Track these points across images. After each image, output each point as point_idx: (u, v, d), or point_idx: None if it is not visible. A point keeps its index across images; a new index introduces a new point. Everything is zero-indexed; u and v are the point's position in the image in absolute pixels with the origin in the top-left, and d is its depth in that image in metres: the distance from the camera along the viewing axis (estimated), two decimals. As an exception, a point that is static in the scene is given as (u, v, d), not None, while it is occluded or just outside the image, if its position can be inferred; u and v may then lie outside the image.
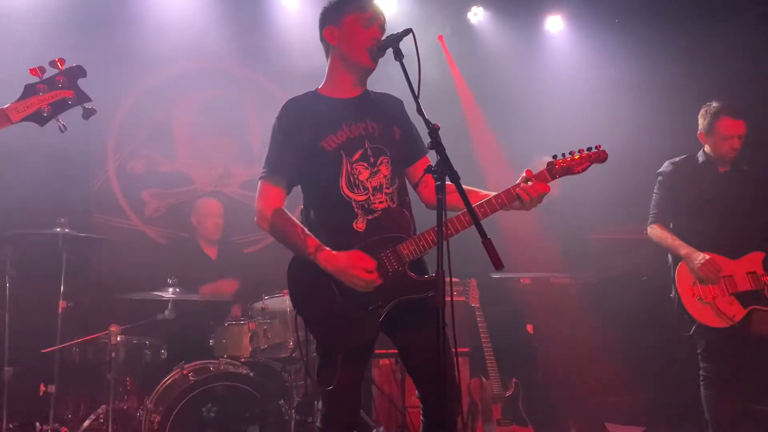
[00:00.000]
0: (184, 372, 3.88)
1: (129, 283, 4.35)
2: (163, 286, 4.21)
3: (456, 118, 5.67)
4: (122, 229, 5.29)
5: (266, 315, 4.20)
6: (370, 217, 2.58)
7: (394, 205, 2.63)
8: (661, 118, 5.45)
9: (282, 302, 4.20)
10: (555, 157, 2.58)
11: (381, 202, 2.61)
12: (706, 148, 3.99)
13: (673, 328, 4.38)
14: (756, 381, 4.03)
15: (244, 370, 3.95)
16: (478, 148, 5.47)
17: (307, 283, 2.57)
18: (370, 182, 2.61)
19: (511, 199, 2.54)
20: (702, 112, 4.02)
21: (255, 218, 2.66)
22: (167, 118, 5.53)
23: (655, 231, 4.01)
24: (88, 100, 2.41)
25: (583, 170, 2.60)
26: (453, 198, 2.49)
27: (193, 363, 3.97)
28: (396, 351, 4.22)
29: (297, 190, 2.74)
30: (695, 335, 3.84)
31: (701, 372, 3.86)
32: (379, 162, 2.65)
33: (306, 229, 2.57)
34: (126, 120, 5.38)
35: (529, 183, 2.52)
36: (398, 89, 2.58)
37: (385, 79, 2.81)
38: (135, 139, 5.41)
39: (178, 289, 4.20)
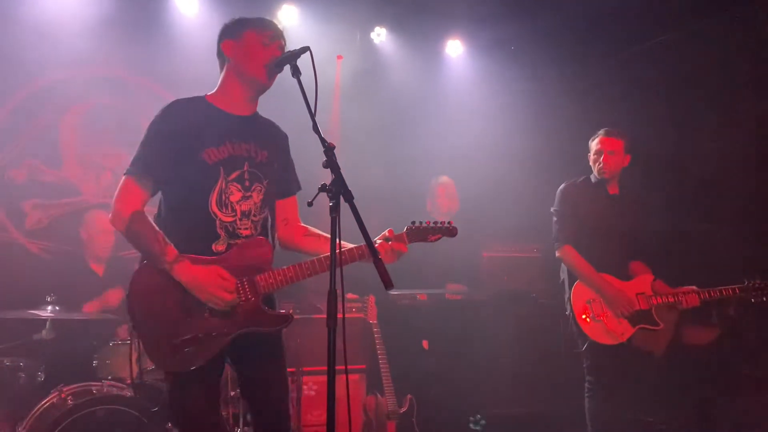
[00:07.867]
0: (63, 395, 3.63)
1: (2, 300, 4.04)
2: (42, 304, 3.94)
3: (356, 137, 5.70)
4: (-2, 241, 4.93)
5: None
6: (231, 241, 2.53)
7: (258, 233, 2.60)
8: (553, 142, 5.73)
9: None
10: (413, 222, 2.75)
11: (246, 228, 2.56)
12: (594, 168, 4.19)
13: (561, 342, 4.57)
14: (643, 393, 4.25)
15: (128, 393, 3.74)
16: (374, 168, 5.49)
17: (154, 295, 2.45)
18: (240, 206, 2.56)
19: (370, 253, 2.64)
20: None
21: (109, 216, 2.52)
22: (53, 125, 5.22)
23: (568, 254, 4.05)
24: None
25: (435, 240, 2.78)
26: (307, 241, 2.76)
27: (73, 385, 3.71)
28: (293, 370, 4.29)
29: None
30: (586, 351, 4.01)
31: (586, 385, 4.05)
32: (253, 188, 2.60)
33: (166, 238, 2.46)
34: (6, 125, 5.03)
35: (389, 242, 2.67)
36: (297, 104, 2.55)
37: (282, 93, 2.78)
38: (16, 146, 5.06)
39: (57, 308, 3.94)
